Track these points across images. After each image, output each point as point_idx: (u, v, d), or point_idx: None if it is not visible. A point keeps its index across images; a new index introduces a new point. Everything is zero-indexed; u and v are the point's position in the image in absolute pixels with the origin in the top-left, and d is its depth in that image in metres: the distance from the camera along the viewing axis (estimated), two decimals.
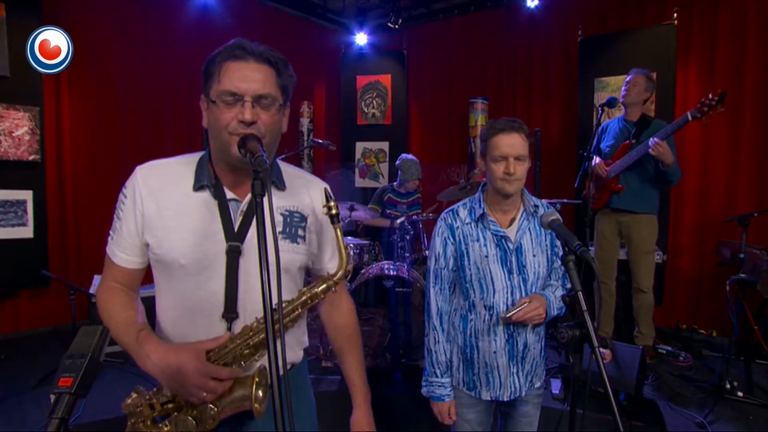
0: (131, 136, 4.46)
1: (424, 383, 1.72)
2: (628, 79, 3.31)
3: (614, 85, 4.22)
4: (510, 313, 1.56)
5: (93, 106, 4.27)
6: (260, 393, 1.04)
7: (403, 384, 3.07)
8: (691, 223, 4.25)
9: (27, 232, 3.77)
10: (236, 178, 1.14)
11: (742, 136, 3.98)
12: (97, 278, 3.76)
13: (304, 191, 1.23)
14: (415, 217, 3.90)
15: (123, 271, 1.16)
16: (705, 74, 4.14)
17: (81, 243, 4.22)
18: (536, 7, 4.92)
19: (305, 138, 5.57)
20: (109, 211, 1.09)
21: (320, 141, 4.01)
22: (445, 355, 1.68)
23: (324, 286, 1.13)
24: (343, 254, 1.11)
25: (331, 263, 1.29)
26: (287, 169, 1.24)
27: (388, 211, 4.28)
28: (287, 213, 1.18)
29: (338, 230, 1.10)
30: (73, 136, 4.17)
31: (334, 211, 1.06)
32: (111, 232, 1.16)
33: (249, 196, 1.13)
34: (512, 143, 1.57)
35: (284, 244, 1.16)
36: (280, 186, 1.19)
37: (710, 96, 2.87)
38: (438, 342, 1.68)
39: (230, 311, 1.09)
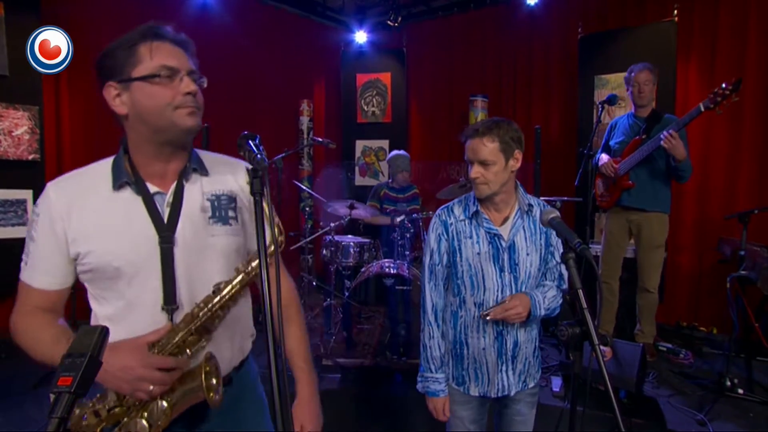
0: None
1: (419, 379, 1.73)
2: (632, 74, 3.25)
3: (614, 83, 4.21)
4: (488, 311, 1.57)
5: (92, 105, 4.26)
6: (213, 381, 1.02)
7: (401, 382, 3.08)
8: (692, 221, 4.24)
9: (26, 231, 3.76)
10: (161, 167, 1.12)
11: (743, 133, 3.98)
12: None
13: (229, 174, 1.21)
14: (415, 215, 3.90)
15: (44, 295, 1.13)
16: (705, 71, 4.13)
17: None
18: (536, 4, 4.91)
19: (305, 136, 5.57)
20: None
21: (320, 139, 4.01)
22: (440, 350, 1.69)
23: (243, 277, 1.11)
24: (274, 226, 1.04)
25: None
26: (207, 156, 1.23)
27: (386, 208, 4.28)
28: (214, 197, 1.16)
29: (264, 204, 0.98)
30: (73, 135, 4.17)
31: (256, 188, 0.98)
32: (24, 257, 1.13)
33: (173, 186, 1.12)
34: (474, 148, 1.58)
35: (216, 228, 1.14)
36: (203, 172, 1.17)
37: (724, 85, 2.81)
38: (433, 337, 1.69)
39: (170, 303, 1.08)
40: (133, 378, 0.97)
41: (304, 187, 4.82)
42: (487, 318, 1.58)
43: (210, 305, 1.07)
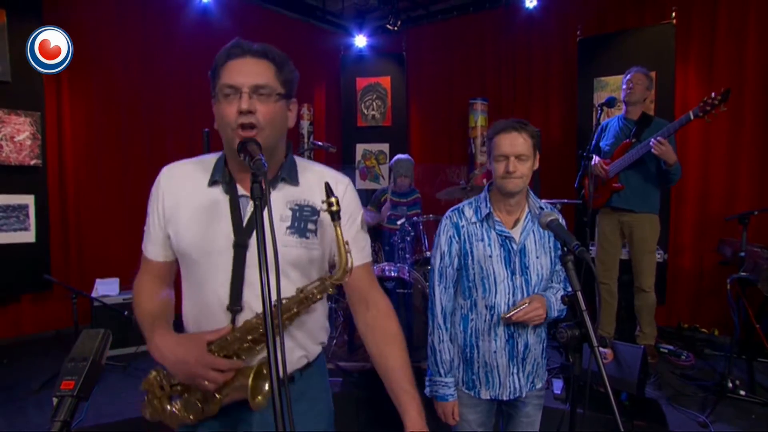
0: (132, 139, 4.47)
1: (427, 383, 1.71)
2: (627, 77, 3.30)
3: (613, 85, 4.22)
4: (510, 314, 1.57)
5: (94, 110, 4.28)
6: (260, 385, 1.05)
7: None
8: (692, 222, 4.25)
9: (29, 236, 3.78)
10: (247, 175, 1.11)
11: (743, 135, 3.98)
12: (99, 282, 3.77)
13: (316, 184, 1.20)
14: (415, 218, 3.91)
15: (154, 264, 1.24)
16: (704, 73, 4.14)
17: (83, 247, 4.23)
18: (535, 7, 4.93)
19: (305, 140, 5.58)
20: (110, 214, 1.10)
21: (320, 143, 4.02)
22: (449, 354, 1.68)
23: (319, 284, 1.12)
24: (342, 253, 1.07)
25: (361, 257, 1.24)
26: (302, 164, 1.25)
27: (390, 213, 4.28)
28: (297, 207, 1.17)
29: (338, 228, 1.05)
30: (74, 140, 4.19)
31: (334, 208, 1.02)
32: (144, 228, 1.24)
33: None
34: (512, 142, 1.57)
35: (292, 239, 1.15)
36: (293, 182, 1.19)
37: (713, 95, 2.86)
38: (442, 341, 1.68)
39: (234, 304, 1.12)
40: (189, 372, 1.05)
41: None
42: (510, 320, 1.57)
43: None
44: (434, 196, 4.19)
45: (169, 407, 1.11)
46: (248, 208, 1.14)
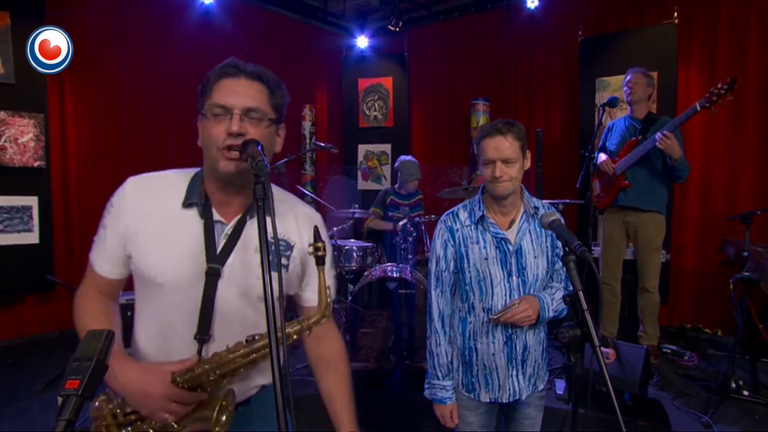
0: (135, 141, 4.49)
1: (426, 386, 1.72)
2: (627, 78, 3.33)
3: (615, 85, 4.22)
4: (498, 315, 1.57)
5: (97, 111, 4.30)
6: (223, 418, 1.03)
7: (405, 385, 3.07)
8: (695, 222, 4.24)
9: (32, 237, 3.79)
10: (226, 198, 1.12)
11: (745, 134, 3.97)
12: None
13: (292, 218, 1.20)
14: (417, 218, 3.91)
15: (103, 281, 1.16)
16: (706, 73, 4.13)
17: (86, 248, 4.13)
18: (536, 8, 4.93)
19: (307, 141, 5.59)
20: None
21: (322, 144, 4.02)
22: (447, 357, 1.68)
23: (298, 327, 1.08)
24: (323, 298, 1.06)
25: (309, 294, 1.24)
26: (279, 195, 1.20)
27: (390, 214, 4.28)
28: (272, 240, 1.10)
29: (322, 273, 1.04)
30: (78, 142, 4.21)
31: (320, 253, 1.00)
32: (95, 238, 1.17)
33: (235, 219, 1.12)
34: (497, 147, 1.56)
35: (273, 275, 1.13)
36: (269, 211, 1.16)
37: (719, 85, 2.86)
38: (440, 345, 1.68)
39: (203, 333, 1.08)
40: (152, 406, 1.00)
41: (307, 192, 4.85)
42: (498, 321, 1.58)
43: (238, 354, 1.04)
44: (436, 195, 4.19)
45: None
46: (222, 236, 1.11)
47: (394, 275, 3.36)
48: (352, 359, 3.35)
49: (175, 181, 1.14)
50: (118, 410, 1.06)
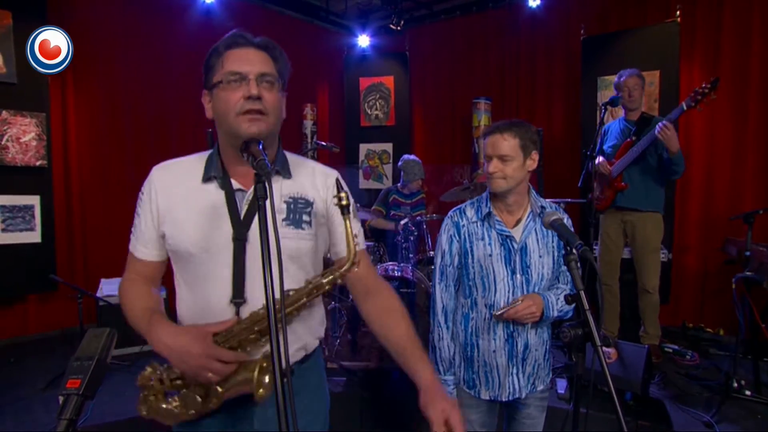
0: (137, 140, 4.50)
1: None
2: (621, 80, 3.31)
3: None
4: (501, 311, 1.58)
5: (99, 111, 4.31)
6: (266, 379, 1.06)
7: (405, 385, 3.07)
8: (697, 221, 4.23)
9: (35, 236, 3.80)
10: (243, 168, 1.15)
11: (747, 133, 3.96)
12: (104, 282, 3.79)
13: (309, 177, 1.26)
14: (419, 218, 3.90)
15: (144, 264, 1.23)
16: (709, 72, 4.11)
17: (88, 247, 4.25)
18: (538, 6, 4.92)
19: (309, 140, 5.59)
20: (115, 215, 1.12)
21: (324, 143, 4.02)
22: (449, 352, 1.69)
23: (330, 277, 1.12)
24: (351, 246, 1.08)
25: (340, 248, 1.28)
26: (292, 158, 1.27)
27: (392, 213, 4.28)
28: (291, 200, 1.20)
29: (347, 221, 1.07)
30: (80, 141, 4.22)
31: (344, 202, 1.04)
32: (132, 229, 1.23)
33: (253, 185, 1.15)
34: (494, 144, 1.61)
35: (288, 231, 1.17)
36: (286, 175, 1.21)
37: (703, 84, 2.91)
38: (442, 339, 1.69)
39: (238, 297, 1.13)
40: (195, 364, 1.04)
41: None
42: (500, 317, 1.58)
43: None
44: (437, 195, 4.19)
45: (165, 405, 1.10)
46: (244, 202, 1.16)
47: (396, 274, 3.36)
48: (353, 358, 3.35)
49: (194, 161, 1.22)
50: (165, 375, 1.10)
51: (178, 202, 1.16)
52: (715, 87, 2.87)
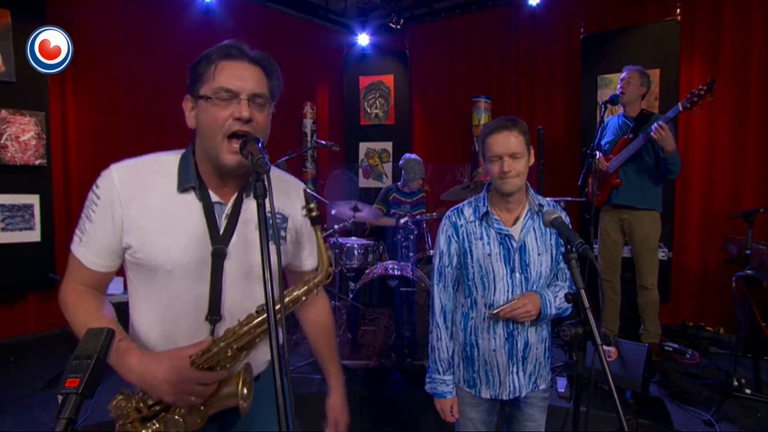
0: (136, 139, 4.49)
1: (427, 380, 1.73)
2: (622, 76, 3.32)
3: (617, 83, 4.19)
4: (497, 309, 1.57)
5: (98, 110, 4.30)
6: (245, 390, 1.06)
7: (406, 383, 3.07)
8: (697, 220, 4.23)
9: (34, 235, 3.80)
10: (221, 180, 1.12)
11: (748, 132, 3.96)
12: None
13: (283, 192, 1.23)
14: (419, 216, 3.90)
15: (92, 274, 1.12)
16: (709, 70, 4.11)
17: None
18: (538, 5, 4.91)
19: (308, 139, 5.58)
20: None
21: (323, 142, 4.02)
22: (448, 352, 1.69)
23: (305, 288, 1.13)
24: (324, 257, 1.10)
25: (309, 260, 1.31)
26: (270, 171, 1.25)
27: (393, 211, 4.28)
28: (269, 215, 1.17)
29: (318, 232, 1.09)
30: (79, 140, 4.21)
31: (314, 213, 1.05)
32: (78, 232, 1.12)
33: (233, 198, 1.13)
34: (505, 142, 1.57)
35: (270, 246, 1.16)
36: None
37: (700, 86, 2.91)
38: (441, 339, 1.68)
39: (214, 314, 1.10)
40: (176, 392, 1.01)
41: (308, 190, 4.84)
42: (497, 316, 1.58)
43: (252, 325, 1.07)
44: (437, 194, 4.19)
45: (147, 428, 1.05)
46: (223, 217, 1.12)
47: (396, 273, 3.36)
48: (354, 357, 3.35)
49: (164, 165, 1.12)
50: (141, 404, 1.05)
51: (150, 213, 1.07)
52: (712, 89, 2.87)
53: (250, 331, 1.06)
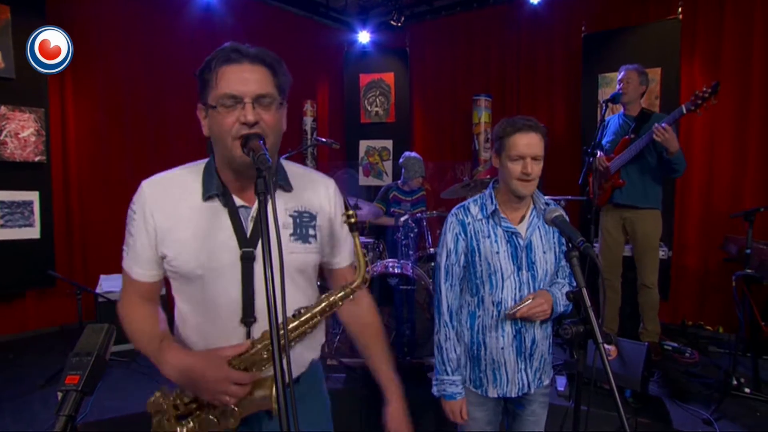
0: (136, 136, 4.49)
1: (435, 382, 1.71)
2: (620, 76, 3.31)
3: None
4: (514, 309, 1.58)
5: (98, 106, 4.29)
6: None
7: (406, 382, 3.07)
8: (697, 219, 4.23)
9: (33, 232, 3.80)
10: (243, 184, 1.14)
11: (749, 131, 3.96)
12: (103, 278, 3.78)
13: (311, 189, 1.24)
14: (419, 214, 3.90)
15: (142, 285, 1.18)
16: (710, 69, 4.11)
17: (87, 243, 4.24)
18: (539, 3, 4.90)
19: (309, 137, 5.58)
20: (114, 211, 1.11)
21: (324, 140, 4.01)
22: (456, 352, 1.68)
23: (342, 294, 1.15)
24: (361, 262, 1.13)
25: (339, 259, 1.31)
26: (292, 169, 1.24)
27: (392, 209, 4.28)
28: (296, 214, 1.18)
29: (356, 238, 1.12)
30: (78, 136, 4.20)
31: (353, 220, 1.10)
32: (125, 248, 1.18)
33: (257, 201, 1.12)
34: (530, 143, 1.56)
35: (297, 246, 1.17)
36: (287, 187, 1.18)
37: (704, 88, 2.89)
38: (449, 339, 1.67)
39: (248, 316, 1.12)
40: (212, 389, 1.04)
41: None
42: (514, 316, 1.58)
43: (289, 328, 1.10)
44: (438, 192, 4.19)
45: (180, 429, 1.09)
46: (249, 220, 1.13)
47: (396, 271, 3.36)
48: (353, 356, 3.35)
49: (189, 176, 1.16)
50: (179, 401, 1.09)
51: (179, 223, 1.11)
52: (716, 91, 2.84)
53: (288, 334, 1.09)
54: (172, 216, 1.11)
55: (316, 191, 1.24)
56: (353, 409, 2.86)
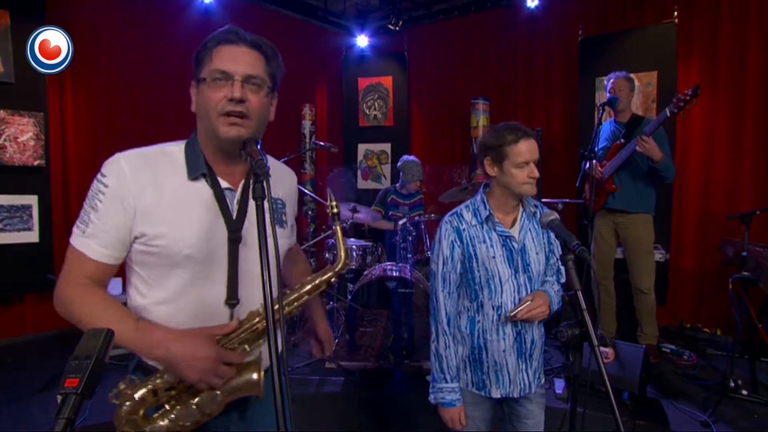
0: (135, 140, 4.43)
1: (432, 390, 1.71)
2: (609, 85, 3.35)
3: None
4: (515, 312, 1.60)
5: (97, 110, 4.30)
6: (261, 381, 1.09)
7: (404, 385, 3.08)
8: (694, 221, 4.24)
9: (32, 236, 3.79)
10: (227, 166, 1.15)
11: (745, 134, 3.97)
12: None
13: (282, 180, 1.31)
14: (417, 218, 3.91)
15: (96, 266, 1.08)
16: (707, 73, 4.13)
17: None
18: (536, 7, 4.93)
19: (307, 140, 5.59)
20: None
21: (322, 143, 4.02)
22: (455, 359, 1.69)
23: (326, 276, 1.20)
24: (342, 247, 1.20)
25: (293, 239, 1.44)
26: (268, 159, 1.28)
27: (390, 213, 4.29)
28: (273, 200, 1.18)
29: (338, 227, 1.19)
30: (77, 140, 4.20)
31: (336, 210, 1.17)
32: (81, 224, 1.08)
33: (242, 184, 1.16)
34: (531, 149, 1.64)
35: (278, 230, 1.21)
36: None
37: (686, 91, 2.94)
38: (449, 347, 1.68)
39: (232, 298, 1.13)
40: (203, 369, 0.99)
41: (307, 191, 4.84)
42: (516, 318, 1.61)
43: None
44: (435, 195, 4.20)
45: (162, 422, 1.01)
46: (235, 202, 1.15)
47: (394, 274, 3.36)
48: (352, 358, 3.35)
49: (170, 154, 1.14)
50: (157, 386, 1.02)
51: (164, 201, 1.07)
52: (697, 94, 2.90)
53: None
54: (155, 193, 1.07)
55: (285, 182, 1.33)
56: (351, 412, 2.86)
